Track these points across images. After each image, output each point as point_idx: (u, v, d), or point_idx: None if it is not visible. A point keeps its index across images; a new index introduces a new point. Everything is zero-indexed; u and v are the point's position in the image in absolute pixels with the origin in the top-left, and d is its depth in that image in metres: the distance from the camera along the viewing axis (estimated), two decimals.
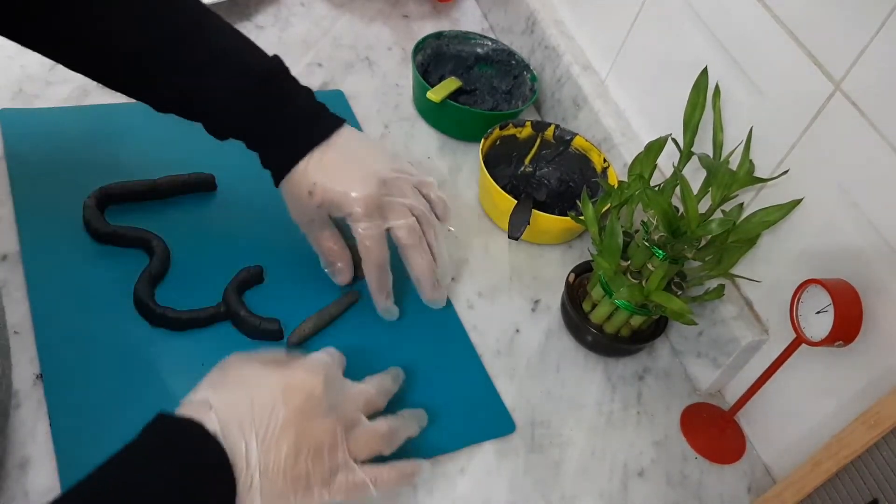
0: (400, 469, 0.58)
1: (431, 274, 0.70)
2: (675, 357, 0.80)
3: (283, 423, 0.52)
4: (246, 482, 0.50)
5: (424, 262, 0.69)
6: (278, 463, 0.51)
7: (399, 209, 0.67)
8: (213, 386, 0.53)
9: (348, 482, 0.55)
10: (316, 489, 0.53)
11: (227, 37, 0.67)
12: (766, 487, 0.70)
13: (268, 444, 0.51)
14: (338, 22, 1.05)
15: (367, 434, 0.57)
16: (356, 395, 0.59)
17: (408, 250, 0.68)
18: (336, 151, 0.67)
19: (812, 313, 0.62)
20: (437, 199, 0.71)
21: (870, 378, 0.63)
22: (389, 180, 0.67)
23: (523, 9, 1.03)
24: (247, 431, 0.51)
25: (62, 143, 0.77)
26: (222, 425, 0.50)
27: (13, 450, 0.58)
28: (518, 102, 0.97)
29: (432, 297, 0.72)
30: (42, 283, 0.66)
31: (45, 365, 0.62)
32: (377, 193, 0.66)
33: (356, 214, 0.65)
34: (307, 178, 0.66)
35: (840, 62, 0.62)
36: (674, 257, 0.69)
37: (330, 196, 0.65)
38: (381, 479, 0.56)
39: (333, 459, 0.54)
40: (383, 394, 0.62)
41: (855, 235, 0.63)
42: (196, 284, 0.69)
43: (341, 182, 0.65)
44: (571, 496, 0.67)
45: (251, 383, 0.54)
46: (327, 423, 0.54)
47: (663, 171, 0.83)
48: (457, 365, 0.72)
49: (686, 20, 0.78)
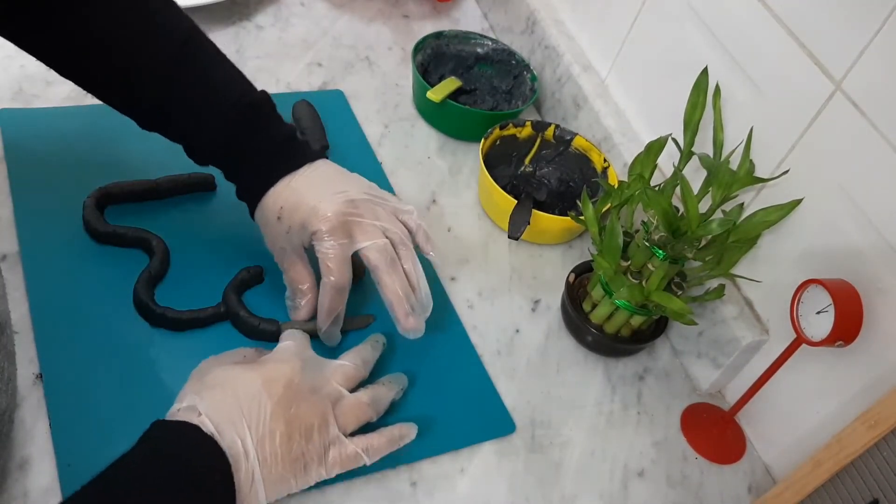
0: (389, 434, 0.61)
1: (404, 299, 0.65)
2: (675, 357, 0.80)
3: (271, 413, 0.54)
4: (248, 476, 0.52)
5: (397, 286, 0.64)
6: (274, 451, 0.53)
7: (369, 230, 0.64)
8: (195, 392, 0.55)
9: (342, 455, 0.57)
10: (313, 468, 0.56)
11: (215, 65, 0.66)
12: (766, 488, 0.70)
13: (261, 436, 0.53)
14: (338, 22, 1.05)
15: (351, 406, 0.59)
16: (334, 372, 0.61)
17: (379, 272, 0.64)
18: (305, 177, 0.65)
19: (812, 313, 0.62)
20: (418, 227, 0.69)
21: (870, 378, 0.63)
22: (359, 201, 0.65)
23: (523, 9, 1.03)
24: (239, 428, 0.52)
25: (62, 143, 0.77)
26: (216, 426, 0.52)
27: (13, 450, 0.58)
28: (518, 102, 0.97)
29: (406, 325, 0.65)
30: (42, 284, 0.66)
31: (45, 365, 0.62)
32: (344, 212, 0.63)
33: (320, 233, 0.63)
34: (275, 203, 0.65)
35: (840, 62, 0.62)
36: (674, 257, 0.69)
37: (296, 217, 0.64)
38: (373, 447, 0.59)
39: (325, 436, 0.56)
40: (362, 364, 0.64)
41: (855, 235, 0.63)
42: (196, 285, 0.69)
43: (306, 202, 0.64)
44: (571, 496, 0.67)
45: (232, 383, 0.55)
46: (313, 404, 0.57)
47: (663, 171, 0.83)
48: (457, 365, 0.72)
49: (686, 20, 0.78)
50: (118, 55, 0.63)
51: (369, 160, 0.88)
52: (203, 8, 0.95)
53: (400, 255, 0.66)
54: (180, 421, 0.52)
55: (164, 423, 0.52)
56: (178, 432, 0.52)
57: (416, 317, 0.66)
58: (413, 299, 0.66)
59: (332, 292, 0.64)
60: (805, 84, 0.65)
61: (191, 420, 0.52)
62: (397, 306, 0.65)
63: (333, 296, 0.64)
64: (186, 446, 0.51)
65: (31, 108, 0.80)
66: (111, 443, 0.58)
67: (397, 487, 0.63)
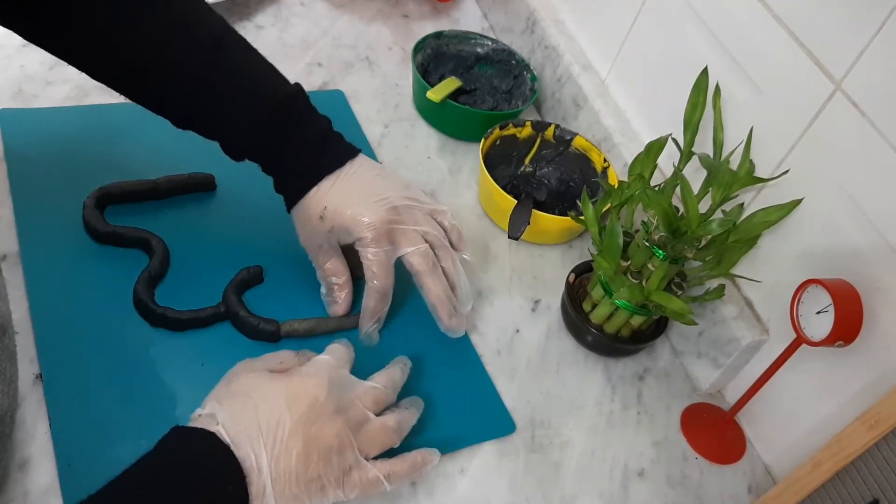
0: (412, 460, 0.60)
1: (447, 301, 0.68)
2: (675, 357, 0.80)
3: (289, 431, 0.53)
4: (259, 490, 0.51)
5: (439, 288, 0.68)
6: (289, 470, 0.52)
7: (411, 236, 0.67)
8: (218, 400, 0.55)
9: (362, 480, 0.56)
10: (330, 490, 0.55)
11: (248, 62, 0.67)
12: (766, 488, 0.70)
13: (277, 452, 0.52)
14: (338, 22, 1.05)
15: (377, 430, 0.58)
16: (363, 394, 0.59)
17: (422, 276, 0.67)
18: (349, 178, 0.67)
19: (812, 313, 0.62)
20: (451, 226, 0.71)
21: (870, 378, 0.63)
22: (401, 207, 0.67)
23: (523, 9, 1.03)
24: (254, 442, 0.52)
25: (62, 143, 0.77)
26: (231, 437, 0.51)
27: (13, 450, 0.57)
28: (518, 102, 0.97)
29: (449, 324, 0.69)
30: (42, 283, 0.66)
31: (45, 365, 0.62)
32: (388, 219, 0.65)
33: (365, 240, 0.65)
34: (319, 203, 0.66)
35: (840, 62, 0.62)
36: (674, 257, 0.69)
37: (340, 221, 0.65)
38: (394, 473, 0.58)
39: (344, 460, 0.55)
40: (391, 388, 0.62)
41: (855, 235, 0.63)
42: (196, 284, 0.69)
43: (352, 207, 0.65)
44: (571, 496, 0.67)
45: (255, 395, 0.55)
46: (335, 426, 0.55)
47: (663, 171, 0.83)
48: (457, 365, 0.72)
49: (686, 20, 0.78)
50: (149, 55, 0.63)
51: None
52: None
53: (439, 257, 0.68)
54: (198, 428, 0.52)
55: (182, 430, 0.52)
56: (195, 439, 0.52)
57: (459, 316, 0.70)
58: (454, 300, 0.69)
59: (376, 295, 0.67)
60: (805, 84, 0.65)
61: (208, 427, 0.52)
62: (441, 309, 0.68)
63: (378, 299, 0.67)
64: (202, 453, 0.51)
65: (31, 109, 0.80)
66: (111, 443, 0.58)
67: (397, 487, 0.63)
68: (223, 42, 0.65)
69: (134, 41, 0.63)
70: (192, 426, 0.53)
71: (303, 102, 0.68)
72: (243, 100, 0.65)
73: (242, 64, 0.66)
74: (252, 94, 0.65)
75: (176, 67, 0.63)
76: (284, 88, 0.67)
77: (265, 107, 0.65)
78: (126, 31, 0.62)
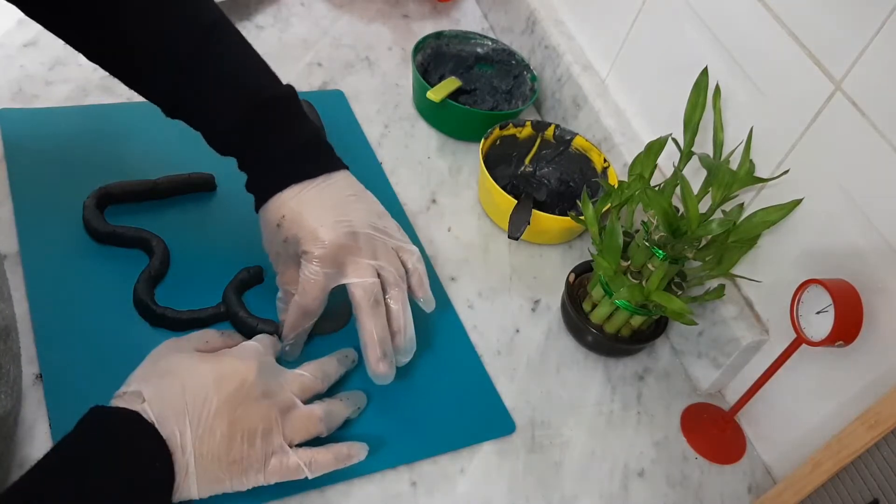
0: (336, 451, 0.59)
1: (378, 344, 0.62)
2: (675, 357, 0.80)
3: (215, 410, 0.53)
4: (182, 469, 0.51)
5: (374, 329, 0.62)
6: (212, 449, 0.53)
7: (362, 266, 0.63)
8: (144, 378, 0.55)
9: (282, 465, 0.56)
10: (251, 473, 0.55)
11: (239, 56, 0.66)
12: (766, 488, 0.70)
13: (202, 431, 0.53)
14: (338, 22, 1.05)
15: (301, 417, 0.58)
16: (290, 380, 0.60)
17: (359, 312, 0.62)
18: (317, 191, 0.64)
19: (812, 313, 0.62)
20: (414, 269, 0.66)
21: (870, 378, 0.63)
22: (362, 235, 0.63)
23: (523, 9, 1.03)
24: (180, 420, 0.52)
25: (62, 143, 0.77)
26: (157, 415, 0.52)
27: (13, 450, 0.57)
28: (518, 102, 0.97)
29: (376, 369, 0.63)
30: (41, 284, 0.66)
31: (45, 365, 0.62)
32: (342, 244, 0.62)
33: (310, 255, 0.62)
34: (278, 211, 0.63)
35: (840, 62, 0.62)
36: (674, 257, 0.69)
37: (293, 231, 0.63)
38: (316, 462, 0.58)
39: (269, 444, 0.55)
40: (322, 377, 0.62)
41: (855, 235, 0.63)
42: (196, 285, 0.69)
43: (309, 221, 0.62)
44: (571, 496, 0.67)
45: (183, 374, 0.55)
46: (261, 409, 0.56)
47: (663, 171, 0.83)
48: (457, 365, 0.72)
49: (686, 20, 0.78)
50: (141, 41, 0.62)
51: (369, 160, 0.88)
52: None
53: (391, 296, 0.64)
54: (120, 408, 0.52)
55: (103, 409, 0.52)
56: (117, 418, 0.52)
57: (388, 363, 0.63)
58: (389, 344, 0.63)
59: (298, 310, 0.63)
60: (805, 84, 0.65)
61: (132, 406, 0.52)
62: (370, 350, 0.63)
63: (298, 314, 0.64)
64: (125, 433, 0.51)
65: (31, 108, 0.80)
66: None
67: (397, 487, 0.63)
68: (214, 34, 0.64)
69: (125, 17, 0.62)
70: (114, 405, 0.52)
71: (290, 106, 0.66)
72: (228, 91, 0.63)
73: (233, 55, 0.65)
74: (238, 87, 0.64)
75: (164, 55, 0.63)
76: (272, 88, 0.65)
77: (248, 102, 0.63)
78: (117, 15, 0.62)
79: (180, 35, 0.63)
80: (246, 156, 0.66)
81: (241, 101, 0.64)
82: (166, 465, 0.51)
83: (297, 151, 0.65)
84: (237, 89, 0.64)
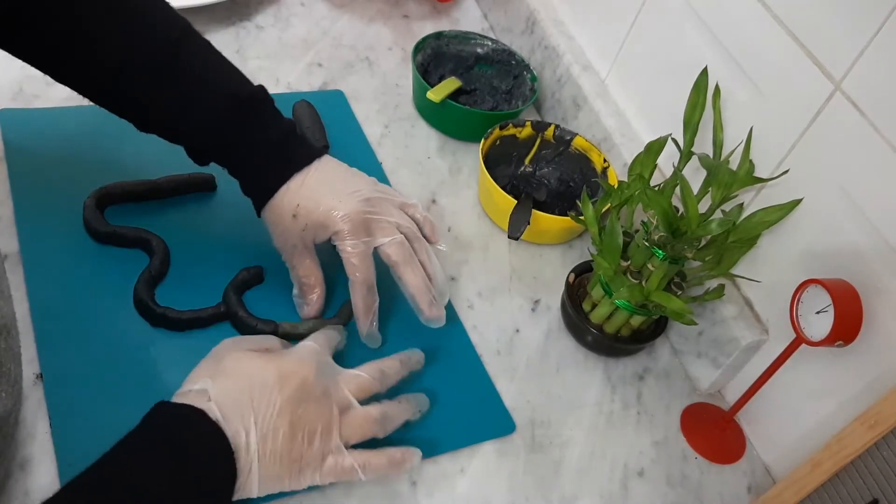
0: (390, 455, 0.59)
1: (427, 291, 0.67)
2: (675, 357, 0.80)
3: (279, 409, 0.54)
4: (245, 467, 0.52)
5: (418, 279, 0.66)
6: (274, 449, 0.53)
7: (386, 227, 0.66)
8: (210, 375, 0.55)
9: (337, 465, 0.56)
10: (308, 472, 0.55)
11: (209, 63, 0.66)
12: (766, 487, 0.70)
13: (265, 430, 0.53)
14: (338, 22, 1.05)
15: (358, 418, 0.58)
16: (348, 380, 0.60)
17: (399, 267, 0.66)
18: (318, 175, 0.66)
19: (812, 313, 0.62)
20: (424, 218, 0.70)
21: (870, 378, 0.63)
22: (374, 199, 0.66)
23: (523, 9, 1.03)
24: (246, 419, 0.52)
25: (62, 143, 0.77)
26: (223, 413, 0.52)
27: (13, 450, 0.58)
28: (518, 102, 0.97)
29: (430, 314, 0.68)
30: (42, 283, 0.66)
31: (45, 365, 0.62)
32: (362, 210, 0.65)
33: (342, 233, 0.64)
34: (290, 202, 0.65)
35: (840, 62, 0.62)
36: (674, 257, 0.69)
37: (314, 216, 0.64)
38: (370, 465, 0.58)
39: (326, 444, 0.56)
40: (380, 377, 0.62)
41: (855, 235, 0.63)
42: (196, 285, 0.69)
43: (325, 202, 0.64)
44: (571, 496, 0.67)
45: (247, 372, 0.55)
46: (321, 408, 0.56)
47: (663, 171, 0.83)
48: (457, 365, 0.72)
49: (686, 20, 0.78)
50: (108, 57, 0.63)
51: (369, 160, 0.88)
52: (203, 8, 0.95)
53: (415, 249, 0.67)
54: (184, 404, 0.52)
55: (168, 405, 0.52)
56: (181, 416, 0.52)
57: (438, 306, 0.68)
58: (432, 290, 0.68)
59: (363, 289, 0.66)
60: (805, 84, 0.65)
61: (197, 404, 0.52)
62: (420, 298, 0.67)
63: (365, 293, 0.66)
64: (190, 430, 0.51)
65: (31, 109, 0.80)
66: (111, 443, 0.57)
67: (397, 487, 0.63)
68: (182, 44, 0.64)
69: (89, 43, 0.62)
70: (178, 402, 0.53)
71: (265, 102, 0.67)
72: (201, 100, 0.64)
73: (202, 66, 0.65)
74: (212, 93, 0.64)
75: (132, 70, 0.63)
76: (246, 88, 0.66)
77: (226, 105, 0.64)
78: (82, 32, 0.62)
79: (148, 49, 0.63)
80: (234, 159, 0.66)
81: (219, 104, 0.64)
82: (229, 463, 0.51)
83: (283, 144, 0.66)
84: (213, 94, 0.64)
